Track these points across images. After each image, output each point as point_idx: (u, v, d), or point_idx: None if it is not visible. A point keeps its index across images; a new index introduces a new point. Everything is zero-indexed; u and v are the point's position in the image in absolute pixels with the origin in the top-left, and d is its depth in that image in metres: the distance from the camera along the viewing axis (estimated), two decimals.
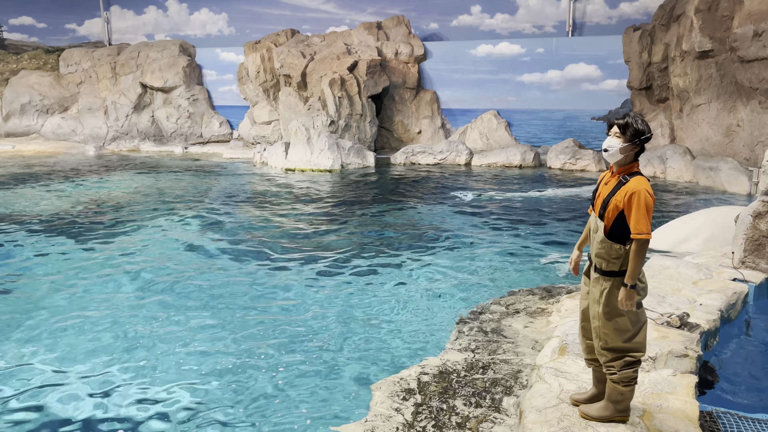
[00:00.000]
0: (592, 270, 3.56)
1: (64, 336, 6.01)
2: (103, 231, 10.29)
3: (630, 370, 3.48)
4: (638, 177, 3.38)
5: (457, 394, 4.53)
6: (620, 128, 3.41)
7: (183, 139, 23.71)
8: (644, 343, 3.51)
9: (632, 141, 3.37)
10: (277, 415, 4.56)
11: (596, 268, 3.51)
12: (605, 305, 3.45)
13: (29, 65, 26.59)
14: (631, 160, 3.44)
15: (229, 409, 4.65)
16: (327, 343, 5.78)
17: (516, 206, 12.39)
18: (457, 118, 21.01)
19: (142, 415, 4.58)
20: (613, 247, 3.41)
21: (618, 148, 3.40)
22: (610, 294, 3.44)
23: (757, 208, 6.40)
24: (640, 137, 3.36)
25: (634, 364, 3.49)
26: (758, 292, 6.07)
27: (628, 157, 3.43)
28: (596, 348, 3.58)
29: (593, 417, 3.62)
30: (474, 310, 6.34)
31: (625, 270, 3.40)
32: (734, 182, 13.18)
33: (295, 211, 12.04)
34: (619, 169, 3.47)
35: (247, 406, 4.70)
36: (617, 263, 3.41)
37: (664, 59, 17.04)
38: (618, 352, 3.48)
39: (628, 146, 3.39)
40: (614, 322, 3.45)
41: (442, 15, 21.59)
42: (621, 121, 3.42)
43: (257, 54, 21.73)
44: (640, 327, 3.49)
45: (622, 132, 3.40)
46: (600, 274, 3.48)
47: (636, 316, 3.47)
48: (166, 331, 6.07)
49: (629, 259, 3.35)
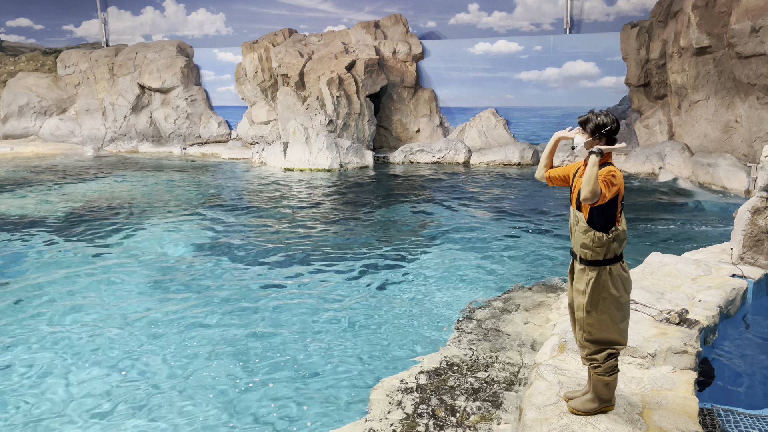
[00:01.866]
0: (577, 263, 3.60)
1: (64, 336, 6.00)
2: (103, 232, 10.28)
3: (612, 359, 3.56)
4: (608, 166, 3.45)
5: (456, 392, 4.53)
6: (582, 124, 3.54)
7: (181, 140, 23.69)
8: (626, 334, 3.59)
9: (593, 135, 3.48)
10: (277, 414, 4.56)
11: (581, 259, 3.56)
12: (591, 294, 3.50)
13: (27, 67, 26.56)
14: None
15: (225, 410, 4.65)
16: (326, 342, 5.78)
17: (514, 203, 12.39)
18: (456, 117, 21.00)
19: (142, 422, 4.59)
20: (596, 236, 3.46)
21: (583, 144, 3.52)
22: (596, 282, 3.49)
23: (755, 204, 6.40)
24: (600, 130, 3.46)
25: (616, 355, 3.57)
26: (757, 288, 6.07)
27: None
28: (579, 340, 3.64)
29: (581, 411, 3.69)
30: (473, 308, 6.34)
31: (609, 258, 3.47)
32: (733, 178, 13.18)
33: (294, 210, 12.04)
34: None
35: (246, 406, 4.70)
36: (601, 252, 3.46)
37: (661, 56, 17.04)
38: (601, 344, 3.54)
39: (592, 140, 3.50)
40: (599, 312, 3.50)
41: (439, 13, 21.58)
42: (582, 117, 3.55)
43: (255, 54, 21.72)
44: (624, 318, 3.55)
45: (584, 127, 3.53)
46: (586, 265, 3.53)
47: (620, 306, 3.52)
48: (166, 332, 6.07)
49: (594, 169, 3.29)
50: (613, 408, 3.71)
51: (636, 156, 16.18)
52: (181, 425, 4.46)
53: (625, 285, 3.52)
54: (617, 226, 3.47)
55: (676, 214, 11.10)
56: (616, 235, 3.45)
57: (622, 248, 3.52)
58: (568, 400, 3.85)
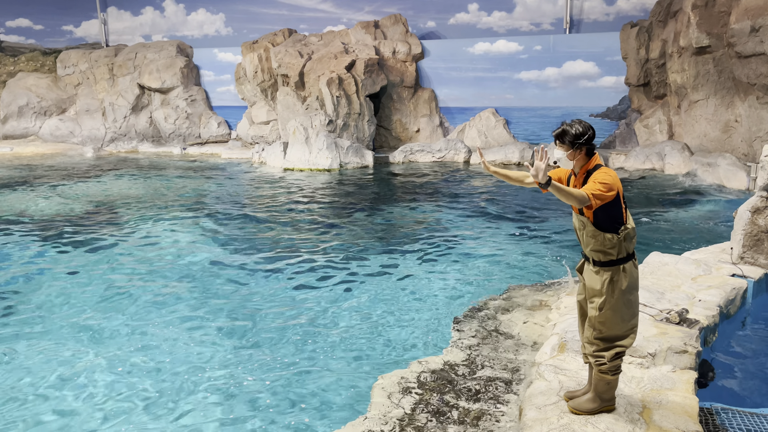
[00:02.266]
0: (591, 266, 3.58)
1: (63, 339, 6.01)
2: (102, 232, 10.28)
3: (618, 359, 3.57)
4: (602, 168, 3.43)
5: (457, 391, 4.53)
6: (559, 138, 3.47)
7: (181, 140, 23.69)
8: (636, 331, 3.59)
9: (573, 146, 3.42)
10: (276, 413, 4.56)
11: (595, 262, 3.54)
12: (607, 294, 3.48)
13: (26, 67, 26.55)
14: (586, 160, 3.49)
15: (224, 410, 4.65)
16: (326, 342, 5.78)
17: (514, 203, 12.39)
18: (455, 117, 21.00)
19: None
20: (606, 238, 3.45)
21: (565, 156, 3.47)
22: (611, 282, 3.48)
23: (755, 204, 6.40)
24: (579, 140, 3.40)
25: (622, 355, 3.58)
26: (757, 288, 6.08)
27: (580, 159, 3.49)
28: (587, 338, 3.63)
29: (581, 411, 3.69)
30: (473, 307, 6.34)
31: (623, 257, 3.46)
32: (732, 178, 13.18)
33: (293, 210, 12.04)
34: (580, 171, 3.54)
35: (245, 404, 4.70)
36: (614, 252, 3.46)
37: (661, 55, 17.04)
38: (609, 342, 3.55)
39: (574, 152, 3.45)
40: (613, 310, 3.50)
41: (439, 13, 21.58)
42: (558, 130, 3.47)
43: (255, 54, 21.71)
44: (633, 315, 3.56)
45: (562, 140, 3.46)
46: (600, 267, 3.51)
47: (630, 304, 3.53)
48: (164, 332, 6.08)
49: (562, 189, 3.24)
50: (613, 408, 3.72)
51: (636, 155, 16.19)
52: (180, 425, 4.46)
53: (635, 283, 3.53)
54: (626, 225, 3.46)
55: (676, 214, 11.10)
56: (626, 234, 3.44)
57: (633, 245, 3.51)
58: (568, 399, 3.85)
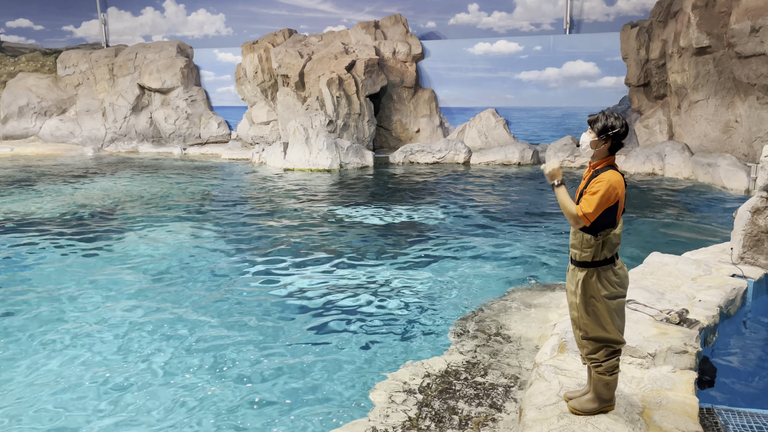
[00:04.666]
0: (570, 263, 3.63)
1: (63, 339, 6.00)
2: (101, 232, 10.28)
3: (613, 358, 3.56)
4: (611, 170, 3.43)
5: (458, 393, 4.53)
6: (590, 123, 3.51)
7: (181, 140, 23.70)
8: (622, 333, 3.58)
9: (600, 135, 3.44)
10: (277, 413, 4.56)
11: (571, 259, 3.58)
12: (581, 295, 3.52)
13: (27, 67, 26.56)
14: (605, 155, 3.50)
15: (224, 408, 4.64)
16: (326, 344, 5.78)
17: (514, 204, 12.39)
18: (456, 117, 21.01)
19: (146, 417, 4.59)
20: (584, 237, 3.47)
21: (589, 143, 3.49)
22: (585, 284, 3.50)
23: (755, 204, 6.40)
24: (607, 132, 3.42)
25: (617, 353, 3.57)
26: (757, 288, 6.07)
27: (600, 151, 3.49)
28: (577, 339, 3.66)
29: (581, 411, 3.69)
30: (474, 309, 6.34)
31: (598, 261, 3.47)
32: (733, 178, 13.18)
33: (293, 211, 12.04)
34: (594, 164, 3.54)
35: (246, 405, 4.70)
36: (589, 253, 3.47)
37: (661, 56, 17.04)
38: (599, 342, 3.55)
39: (598, 141, 3.47)
40: (591, 311, 3.52)
41: (439, 14, 21.59)
42: (592, 117, 3.52)
43: (255, 54, 21.72)
44: (615, 319, 3.54)
45: (592, 126, 3.50)
46: (575, 266, 3.55)
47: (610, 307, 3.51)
48: (164, 332, 6.08)
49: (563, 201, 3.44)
50: (613, 408, 3.72)
51: (636, 156, 16.18)
52: (179, 426, 4.46)
53: (615, 286, 3.49)
54: (610, 231, 3.46)
55: (676, 214, 11.10)
56: (606, 238, 3.44)
57: (614, 253, 3.50)
58: (568, 400, 3.85)
